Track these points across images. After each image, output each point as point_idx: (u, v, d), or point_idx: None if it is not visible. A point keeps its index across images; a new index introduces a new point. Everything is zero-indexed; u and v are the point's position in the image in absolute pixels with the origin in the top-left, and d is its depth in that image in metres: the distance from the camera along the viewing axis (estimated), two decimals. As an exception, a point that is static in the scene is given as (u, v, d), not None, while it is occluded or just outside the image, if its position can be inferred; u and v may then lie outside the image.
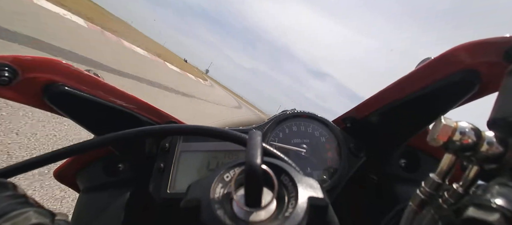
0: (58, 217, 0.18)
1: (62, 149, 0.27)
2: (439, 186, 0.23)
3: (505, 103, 0.22)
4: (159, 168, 0.47)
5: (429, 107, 0.39)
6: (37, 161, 0.26)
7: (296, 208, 0.16)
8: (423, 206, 0.24)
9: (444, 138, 0.21)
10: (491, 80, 0.32)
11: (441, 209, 0.22)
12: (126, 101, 0.45)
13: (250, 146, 0.18)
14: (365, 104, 0.48)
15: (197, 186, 0.19)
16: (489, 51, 0.29)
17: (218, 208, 0.17)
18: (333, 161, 0.49)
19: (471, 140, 0.20)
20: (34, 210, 0.17)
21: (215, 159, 0.48)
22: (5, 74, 0.30)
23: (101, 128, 0.45)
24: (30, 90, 0.35)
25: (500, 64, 0.29)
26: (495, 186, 0.17)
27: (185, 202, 0.18)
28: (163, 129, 0.30)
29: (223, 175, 0.19)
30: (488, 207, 0.16)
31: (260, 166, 0.17)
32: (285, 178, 0.19)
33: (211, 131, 0.29)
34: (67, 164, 0.54)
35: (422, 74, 0.37)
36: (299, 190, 0.17)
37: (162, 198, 0.44)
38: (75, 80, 0.38)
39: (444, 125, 0.21)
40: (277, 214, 0.17)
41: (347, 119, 0.53)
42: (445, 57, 0.33)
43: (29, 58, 0.32)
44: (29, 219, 0.16)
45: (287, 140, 0.52)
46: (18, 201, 0.17)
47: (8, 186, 0.18)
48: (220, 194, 0.18)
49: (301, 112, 0.55)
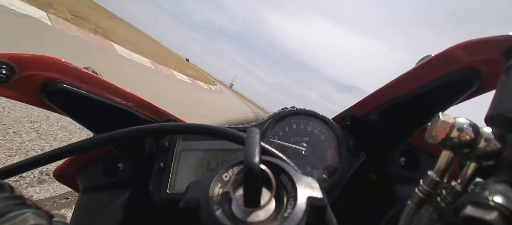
0: (56, 218, 0.18)
1: (61, 148, 0.27)
2: (437, 184, 0.23)
3: (503, 99, 0.22)
4: (159, 168, 0.47)
5: (429, 104, 0.39)
6: (35, 161, 0.26)
7: (295, 208, 0.16)
8: (421, 205, 0.24)
9: (442, 135, 0.21)
10: (490, 78, 0.32)
11: (439, 208, 0.22)
12: (125, 98, 0.45)
13: (248, 145, 0.18)
14: (365, 102, 0.48)
15: (196, 186, 0.19)
16: (490, 50, 0.29)
17: (217, 208, 0.16)
18: (332, 160, 0.49)
19: (469, 136, 0.20)
20: (32, 211, 0.17)
21: (215, 158, 0.48)
22: (3, 71, 0.30)
23: (100, 126, 0.44)
24: (29, 88, 0.35)
25: (500, 62, 0.28)
26: (493, 183, 0.17)
27: (184, 202, 0.18)
28: (162, 127, 0.30)
29: (222, 175, 0.19)
30: (486, 205, 0.16)
31: (258, 166, 0.17)
32: (284, 178, 0.19)
33: (209, 130, 0.29)
34: (66, 164, 0.54)
35: (422, 71, 0.37)
36: (298, 190, 0.17)
37: (162, 198, 0.44)
38: (73, 78, 0.37)
39: (442, 121, 0.21)
40: (276, 214, 0.17)
41: (347, 117, 0.53)
42: (446, 55, 0.33)
43: (27, 56, 0.32)
44: (26, 220, 0.16)
45: (286, 138, 0.52)
46: (16, 203, 0.17)
47: (5, 188, 0.18)
48: (219, 194, 0.18)
49: (300, 110, 0.55)
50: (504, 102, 0.22)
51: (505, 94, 0.22)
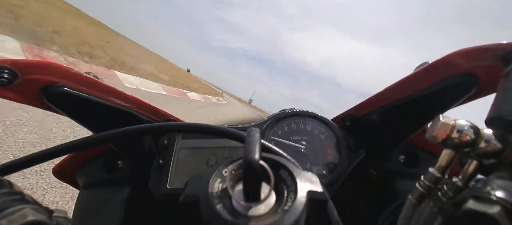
0: (56, 213, 0.18)
1: (60, 145, 0.27)
2: (438, 180, 0.23)
3: (502, 102, 0.23)
4: (159, 165, 0.47)
5: (428, 107, 0.40)
6: (35, 158, 0.25)
7: (295, 201, 0.16)
8: (422, 199, 0.24)
9: (442, 136, 0.21)
10: (488, 83, 0.33)
11: (440, 202, 0.22)
12: (125, 100, 0.45)
13: (248, 143, 0.18)
14: (365, 103, 0.49)
15: (196, 181, 0.19)
16: (486, 57, 0.30)
17: (217, 203, 0.16)
18: (332, 157, 0.49)
19: (469, 137, 0.20)
20: (30, 207, 0.17)
21: (214, 156, 0.48)
22: (5, 76, 0.31)
23: (101, 126, 0.44)
24: (30, 90, 0.36)
25: (496, 68, 0.29)
26: (495, 179, 0.17)
27: (183, 197, 0.18)
28: (162, 126, 0.30)
29: (222, 171, 0.19)
30: (488, 200, 0.16)
31: (258, 161, 0.17)
32: (284, 173, 0.19)
33: (210, 129, 0.29)
34: (66, 161, 0.54)
35: (420, 76, 0.38)
36: (298, 184, 0.17)
37: (162, 193, 0.44)
38: (74, 82, 0.38)
39: (442, 123, 0.21)
40: (276, 208, 0.17)
41: (347, 118, 0.53)
42: (443, 61, 0.34)
43: (29, 62, 0.33)
44: (25, 216, 0.16)
45: (286, 137, 0.52)
46: (15, 198, 0.17)
47: (4, 184, 0.18)
48: (219, 189, 0.18)
49: (300, 111, 0.55)
50: (504, 105, 0.23)
51: (505, 98, 0.23)
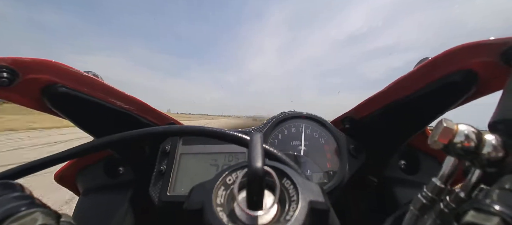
0: (63, 218, 0.19)
1: (64, 151, 0.27)
2: (441, 191, 0.23)
3: (508, 105, 0.22)
4: (160, 171, 0.47)
5: (428, 107, 0.39)
6: (42, 163, 0.26)
7: (297, 211, 0.16)
8: (425, 211, 0.24)
9: (445, 141, 0.21)
10: (488, 81, 0.32)
11: (442, 214, 0.22)
12: (126, 102, 0.45)
13: (251, 149, 0.18)
14: (364, 105, 0.48)
15: (200, 189, 0.19)
16: (486, 52, 0.30)
17: (221, 210, 0.17)
18: (332, 163, 0.49)
19: (472, 143, 0.20)
20: (41, 210, 0.17)
21: (215, 161, 0.48)
22: (4, 75, 0.30)
23: (101, 130, 0.45)
24: (30, 91, 0.35)
25: (497, 65, 0.29)
26: (495, 190, 0.17)
27: (188, 205, 0.18)
28: (166, 130, 0.30)
29: (226, 178, 0.20)
30: (487, 212, 0.16)
31: (262, 170, 0.17)
32: (286, 182, 0.19)
33: (213, 133, 0.29)
34: (67, 166, 0.54)
35: (420, 73, 0.37)
36: (300, 194, 0.18)
37: (163, 201, 0.44)
38: (74, 81, 0.38)
39: (444, 127, 0.21)
40: (279, 218, 0.17)
41: (346, 120, 0.53)
42: (443, 57, 0.33)
43: (28, 60, 0.32)
44: (36, 219, 0.16)
45: (286, 142, 0.52)
46: (26, 202, 0.18)
47: (16, 187, 0.19)
48: (223, 197, 0.18)
49: (299, 113, 0.55)
50: (510, 109, 0.21)
51: (511, 101, 0.22)
